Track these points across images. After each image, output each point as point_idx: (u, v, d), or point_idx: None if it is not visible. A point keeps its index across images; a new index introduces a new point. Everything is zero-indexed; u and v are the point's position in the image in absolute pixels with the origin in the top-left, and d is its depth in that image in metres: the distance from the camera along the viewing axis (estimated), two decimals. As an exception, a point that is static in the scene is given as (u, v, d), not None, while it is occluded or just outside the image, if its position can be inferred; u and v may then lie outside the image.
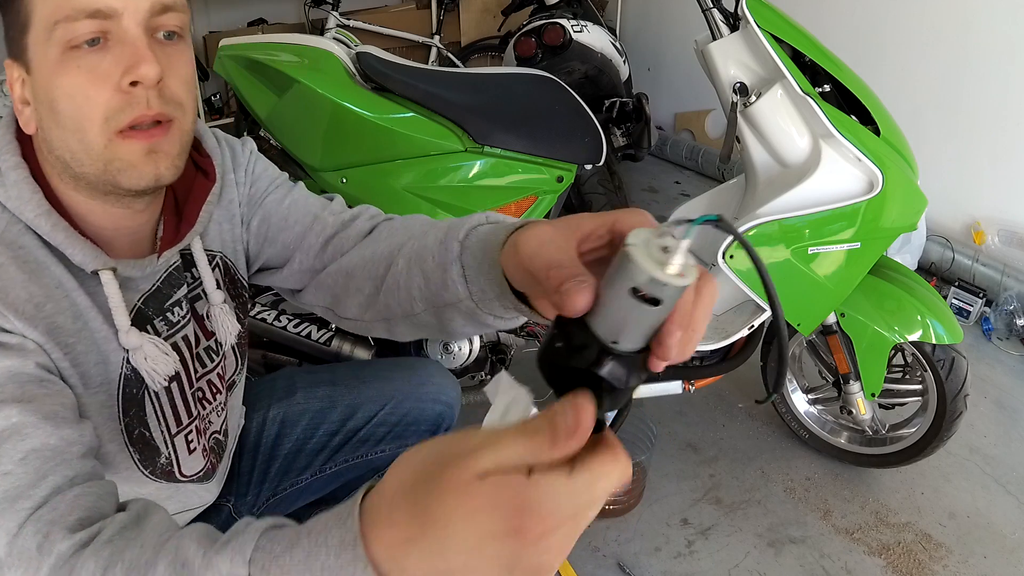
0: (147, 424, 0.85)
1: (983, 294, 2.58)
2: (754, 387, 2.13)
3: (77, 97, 0.69)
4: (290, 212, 0.94)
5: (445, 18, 4.06)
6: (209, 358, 0.95)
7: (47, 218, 0.73)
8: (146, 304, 0.83)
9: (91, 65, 0.69)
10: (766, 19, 1.47)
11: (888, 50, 2.95)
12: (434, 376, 1.24)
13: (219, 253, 0.93)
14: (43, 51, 0.69)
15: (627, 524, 1.74)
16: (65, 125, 0.70)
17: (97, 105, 0.69)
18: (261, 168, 0.97)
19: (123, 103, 0.69)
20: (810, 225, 1.53)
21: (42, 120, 0.73)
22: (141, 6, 0.69)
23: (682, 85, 4.01)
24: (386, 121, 1.60)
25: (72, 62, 0.68)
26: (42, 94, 0.71)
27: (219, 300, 0.92)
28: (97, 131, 0.70)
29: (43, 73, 0.70)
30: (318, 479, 1.26)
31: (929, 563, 1.67)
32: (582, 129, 1.71)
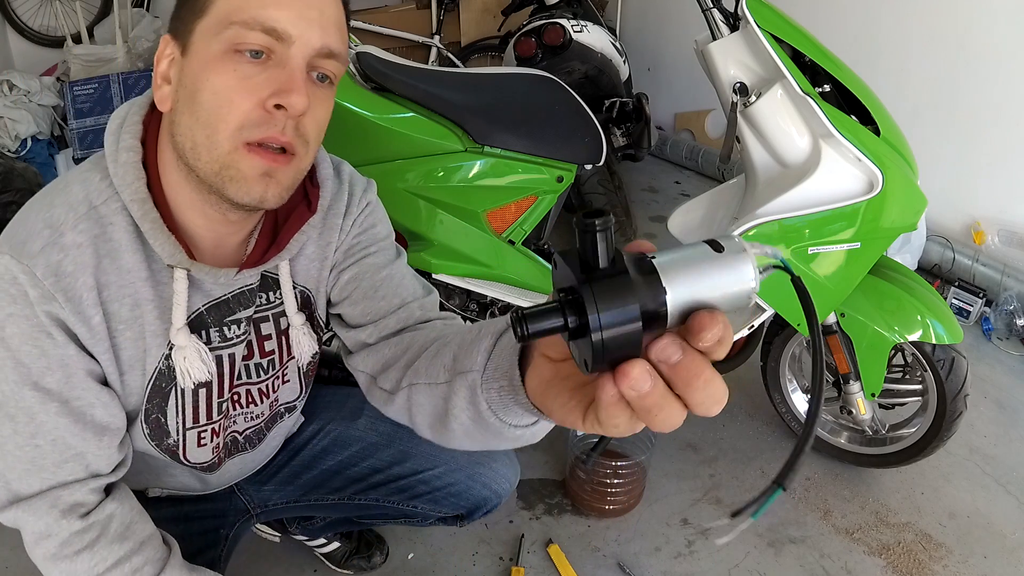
0: (165, 412, 0.89)
1: (983, 294, 2.58)
2: (754, 387, 2.13)
3: (221, 96, 0.71)
4: (383, 285, 0.94)
5: (445, 18, 4.05)
6: (257, 373, 0.97)
7: (140, 205, 0.76)
8: (209, 311, 0.86)
9: (247, 73, 0.71)
10: (766, 19, 1.47)
11: (888, 50, 2.95)
12: (497, 460, 1.21)
13: (301, 286, 0.94)
14: (207, 42, 0.72)
15: (627, 524, 1.74)
16: (199, 116, 0.72)
17: (238, 111, 0.71)
18: (371, 223, 0.96)
19: (261, 119, 0.71)
20: (810, 225, 1.53)
21: (178, 103, 0.74)
22: (312, 42, 0.72)
23: (682, 85, 4.01)
24: (386, 121, 1.60)
25: (230, 63, 0.71)
26: (189, 80, 0.73)
27: (299, 322, 0.94)
28: (228, 134, 0.71)
29: (199, 61, 0.72)
30: (343, 504, 1.26)
31: (929, 563, 1.67)
32: (582, 129, 1.71)
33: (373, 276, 0.94)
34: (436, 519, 1.27)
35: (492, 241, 1.71)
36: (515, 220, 1.72)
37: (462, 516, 1.26)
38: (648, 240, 0.45)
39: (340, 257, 0.95)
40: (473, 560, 1.63)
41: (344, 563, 1.58)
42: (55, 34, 3.89)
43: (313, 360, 1.03)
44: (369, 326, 0.93)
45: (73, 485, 0.80)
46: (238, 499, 1.21)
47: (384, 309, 0.93)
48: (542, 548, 1.66)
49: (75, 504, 0.80)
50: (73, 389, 0.78)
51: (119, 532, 0.83)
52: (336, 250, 0.95)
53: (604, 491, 1.71)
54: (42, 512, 0.79)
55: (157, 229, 0.77)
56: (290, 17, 0.71)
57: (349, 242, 0.95)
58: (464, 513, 1.25)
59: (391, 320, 0.92)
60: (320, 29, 0.72)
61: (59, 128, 3.49)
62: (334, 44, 0.74)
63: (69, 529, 0.80)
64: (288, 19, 0.70)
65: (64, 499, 0.79)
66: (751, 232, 1.54)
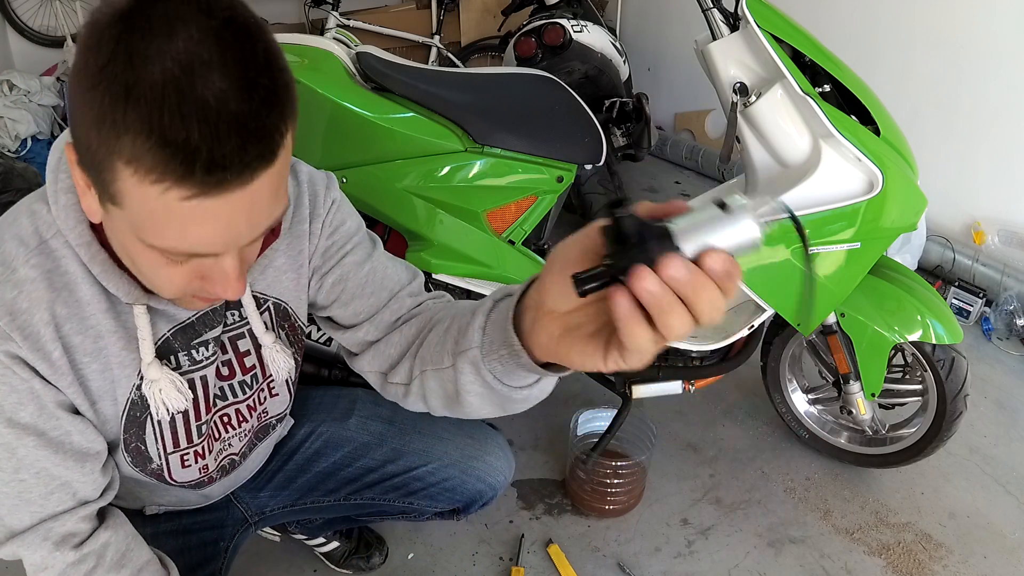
0: (144, 440, 0.88)
1: (983, 294, 2.58)
2: (754, 387, 2.13)
3: (157, 275, 0.69)
4: (368, 280, 0.94)
5: (445, 18, 4.06)
6: (241, 390, 0.96)
7: (87, 248, 0.74)
8: (175, 336, 0.84)
9: (177, 264, 0.67)
10: (766, 19, 1.47)
11: (888, 50, 2.95)
12: (490, 454, 1.21)
13: (273, 298, 0.93)
14: (128, 231, 0.64)
15: (627, 524, 1.74)
16: (137, 269, 0.71)
17: (175, 285, 0.69)
18: (340, 220, 0.94)
19: (200, 288, 0.70)
20: (810, 225, 1.53)
21: (109, 235, 0.71)
22: (244, 240, 0.65)
23: (682, 85, 4.01)
24: (386, 121, 1.60)
25: (159, 257, 0.65)
26: (118, 234, 0.68)
27: (270, 341, 0.92)
28: (169, 294, 0.73)
29: (123, 233, 0.66)
30: (339, 505, 1.26)
31: (929, 563, 1.67)
32: (582, 129, 1.71)
33: (357, 274, 0.94)
34: (433, 514, 1.27)
35: (492, 241, 1.70)
36: (515, 220, 1.72)
37: (458, 510, 1.27)
38: None
39: (319, 261, 0.94)
40: (473, 560, 1.63)
41: (343, 563, 1.58)
42: (55, 34, 3.89)
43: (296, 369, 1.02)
44: (365, 324, 0.94)
45: (63, 516, 0.79)
46: (236, 509, 1.21)
47: (375, 304, 0.94)
48: (542, 548, 1.66)
49: (67, 535, 0.79)
50: (48, 420, 0.76)
51: (115, 560, 0.82)
52: (311, 256, 0.93)
53: (604, 491, 1.71)
54: (36, 545, 0.78)
55: (108, 271, 0.75)
56: (215, 237, 0.62)
57: (324, 244, 0.94)
58: (460, 507, 1.25)
59: (385, 313, 0.93)
60: (249, 229, 0.64)
61: (59, 128, 3.49)
62: (268, 223, 0.66)
63: (64, 561, 0.79)
64: (212, 240, 0.63)
65: (56, 531, 0.78)
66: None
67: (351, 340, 0.96)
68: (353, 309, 0.94)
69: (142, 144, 0.55)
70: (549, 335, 0.60)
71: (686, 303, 0.48)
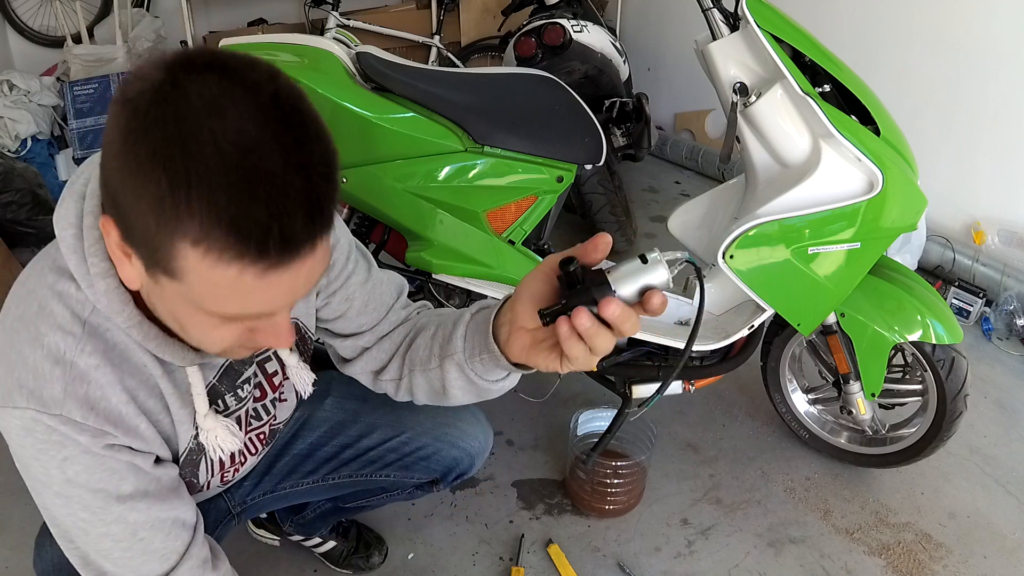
0: (197, 475, 0.94)
1: (983, 294, 2.58)
2: (754, 387, 2.13)
3: (208, 336, 0.69)
4: (371, 299, 1.02)
5: (445, 18, 4.05)
6: (265, 411, 1.01)
7: (139, 329, 0.74)
8: (220, 381, 0.89)
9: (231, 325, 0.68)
10: (766, 19, 1.47)
11: (888, 50, 2.95)
12: (463, 421, 1.25)
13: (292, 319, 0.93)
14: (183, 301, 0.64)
15: (627, 524, 1.74)
16: (184, 332, 0.71)
17: (225, 343, 0.70)
18: (335, 238, 0.95)
19: (249, 341, 0.71)
20: (810, 225, 1.53)
21: (152, 300, 0.70)
22: (293, 300, 0.66)
23: (682, 85, 4.01)
24: (386, 121, 1.60)
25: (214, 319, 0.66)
26: (165, 303, 0.68)
27: (294, 362, 0.98)
28: (216, 350, 0.73)
29: (174, 302, 0.65)
30: (318, 487, 1.28)
31: (929, 563, 1.67)
32: (582, 129, 1.71)
33: (362, 292, 1.01)
34: (412, 487, 1.30)
35: (492, 241, 1.70)
36: (515, 220, 1.72)
37: (437, 481, 1.29)
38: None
39: (323, 281, 0.97)
40: (473, 560, 1.63)
41: (343, 562, 1.58)
42: (55, 34, 3.89)
43: None
44: (367, 333, 1.03)
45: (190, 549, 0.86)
46: (220, 500, 1.22)
47: (376, 318, 1.03)
48: (542, 548, 1.66)
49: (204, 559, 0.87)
50: (150, 483, 0.81)
51: None
52: None
53: (604, 491, 1.71)
54: None
55: (163, 344, 0.76)
56: (277, 301, 0.64)
57: None
58: (438, 477, 1.28)
59: (384, 325, 1.03)
60: (306, 287, 0.66)
61: (59, 128, 3.49)
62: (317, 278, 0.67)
63: None
64: (275, 304, 0.65)
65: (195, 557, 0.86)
66: (751, 233, 1.54)
67: (348, 347, 1.04)
68: (357, 323, 1.02)
69: (212, 226, 0.56)
70: (521, 345, 0.78)
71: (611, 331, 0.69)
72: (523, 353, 0.78)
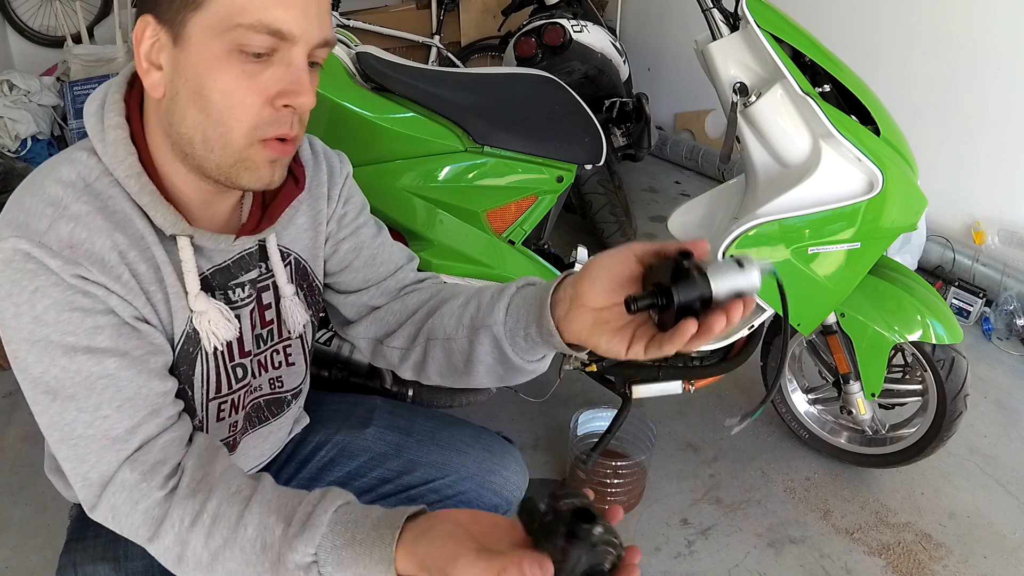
0: (192, 383, 0.88)
1: (983, 294, 2.58)
2: (754, 387, 2.13)
3: (232, 97, 0.72)
4: (379, 252, 1.02)
5: (445, 18, 4.06)
6: (257, 344, 0.97)
7: (136, 180, 0.77)
8: (214, 276, 0.87)
9: (253, 73, 0.72)
10: (766, 19, 1.47)
11: (888, 50, 2.95)
12: (507, 468, 1.21)
13: (295, 253, 0.97)
14: (207, 39, 0.70)
15: (627, 524, 1.74)
16: (210, 114, 0.73)
17: (250, 112, 0.73)
18: (351, 191, 1.01)
19: (272, 118, 0.74)
20: (810, 225, 1.53)
21: (178, 95, 0.74)
22: (313, 38, 0.73)
23: (682, 85, 4.01)
24: (386, 121, 1.60)
25: (236, 64, 0.71)
26: (191, 75, 0.72)
27: (290, 292, 0.96)
28: (243, 133, 0.74)
29: (200, 58, 0.71)
30: None
31: (929, 563, 1.67)
32: (582, 129, 1.71)
33: (371, 244, 1.01)
34: None
35: (492, 241, 1.71)
36: (515, 220, 1.72)
37: None
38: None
39: (334, 227, 0.99)
40: (473, 560, 1.63)
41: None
42: (55, 34, 3.89)
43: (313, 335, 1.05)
44: (371, 288, 1.01)
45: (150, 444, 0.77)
46: None
47: (383, 274, 1.02)
48: (542, 548, 1.66)
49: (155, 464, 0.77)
50: (128, 340, 0.76)
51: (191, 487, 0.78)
52: (329, 220, 0.99)
53: (604, 491, 1.71)
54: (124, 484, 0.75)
55: (156, 201, 0.77)
56: (294, 17, 0.71)
57: (339, 211, 1.00)
58: None
59: (391, 282, 1.02)
60: (318, 23, 0.74)
61: (59, 128, 3.49)
62: (329, 34, 0.76)
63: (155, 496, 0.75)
64: (292, 19, 0.71)
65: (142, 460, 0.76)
66: (751, 233, 1.54)
67: (352, 304, 1.02)
68: (363, 276, 1.01)
69: None
70: (581, 324, 0.76)
71: None
72: (582, 332, 0.76)
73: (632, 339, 0.72)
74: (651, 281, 0.71)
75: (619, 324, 0.74)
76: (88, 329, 0.73)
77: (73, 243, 0.72)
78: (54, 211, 0.73)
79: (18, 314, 0.72)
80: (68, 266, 0.71)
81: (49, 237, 0.71)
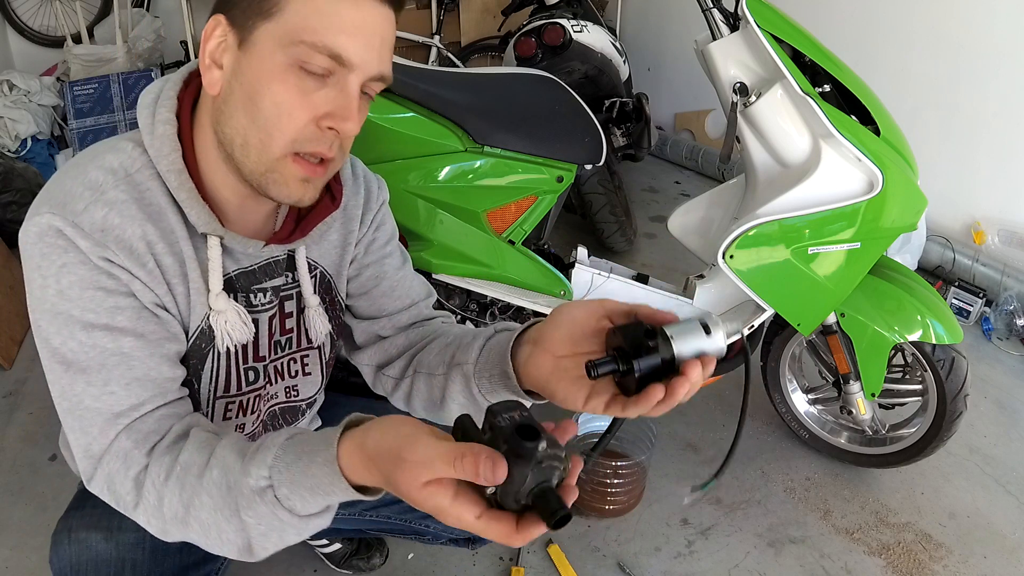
0: (199, 378, 0.90)
1: (983, 294, 2.58)
2: (754, 387, 2.12)
3: (283, 108, 0.74)
4: (399, 284, 1.04)
5: (445, 18, 4.06)
6: (275, 350, 0.99)
7: (177, 175, 0.79)
8: (238, 278, 0.89)
9: (307, 89, 0.74)
10: (766, 19, 1.47)
11: (888, 50, 2.95)
12: None
13: (322, 267, 0.99)
14: (272, 49, 0.73)
15: (627, 524, 1.74)
16: (256, 120, 0.75)
17: (294, 125, 0.75)
18: (384, 218, 1.04)
19: (313, 136, 0.76)
20: (810, 225, 1.53)
21: (231, 96, 0.76)
22: (370, 70, 0.76)
23: (682, 85, 4.01)
24: (386, 121, 1.60)
25: (293, 77, 0.73)
26: (248, 80, 0.75)
27: (315, 303, 0.97)
28: (281, 144, 0.76)
29: (261, 65, 0.74)
30: (353, 519, 1.25)
31: (929, 563, 1.67)
32: (582, 129, 1.71)
33: (393, 275, 1.03)
34: (447, 540, 1.29)
35: (492, 241, 1.71)
36: (515, 220, 1.72)
37: (473, 540, 1.28)
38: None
39: (361, 251, 1.01)
40: (473, 560, 1.63)
41: (343, 563, 1.58)
42: (55, 34, 3.89)
43: (332, 347, 1.05)
44: (383, 319, 1.03)
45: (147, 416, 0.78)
46: None
47: (398, 306, 1.03)
48: (542, 548, 1.66)
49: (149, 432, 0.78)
50: (146, 323, 0.78)
51: None
52: (357, 243, 1.00)
53: (604, 491, 1.71)
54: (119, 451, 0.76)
55: (193, 199, 0.80)
56: (357, 46, 0.73)
57: (369, 237, 1.01)
58: (475, 537, 1.25)
59: (403, 316, 1.03)
60: (379, 57, 0.76)
61: (59, 128, 3.49)
62: (386, 71, 0.78)
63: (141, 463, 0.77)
64: (355, 48, 0.73)
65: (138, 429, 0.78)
66: (751, 233, 1.54)
67: (363, 331, 1.04)
68: (379, 305, 1.03)
69: None
70: (540, 370, 0.76)
71: None
72: (541, 378, 0.76)
73: (591, 392, 0.72)
74: (614, 343, 0.69)
75: (578, 374, 0.73)
76: (108, 308, 0.76)
77: (105, 227, 0.75)
78: (92, 195, 0.76)
79: (44, 286, 0.75)
80: (97, 248, 0.74)
81: (83, 218, 0.74)
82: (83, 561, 0.92)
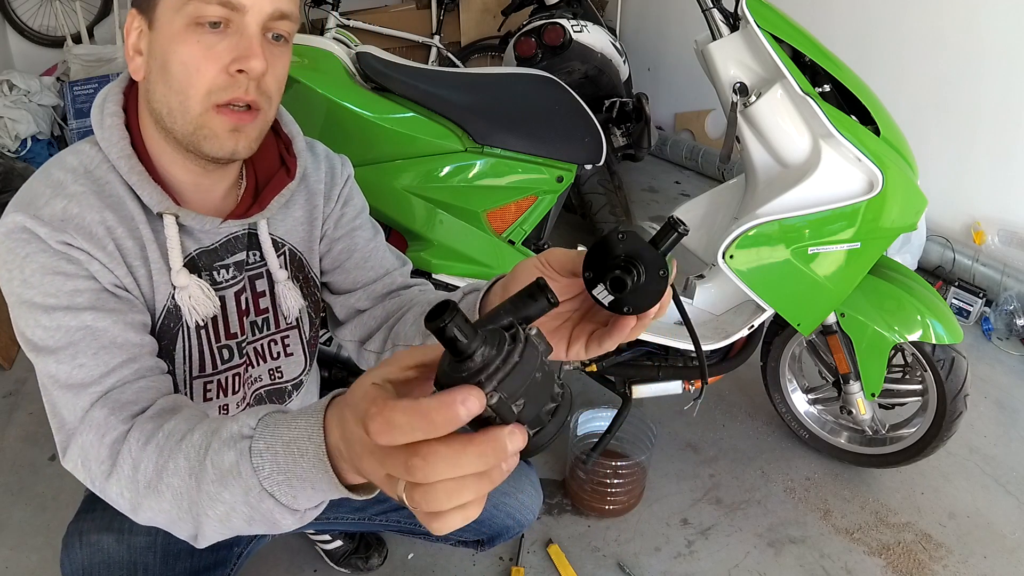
0: (172, 358, 0.91)
1: (983, 294, 2.58)
2: (754, 387, 2.13)
3: (189, 66, 0.77)
4: (372, 255, 1.05)
5: (445, 18, 4.06)
6: (252, 331, 1.00)
7: (127, 161, 0.83)
8: (200, 256, 0.91)
9: (209, 43, 0.77)
10: (766, 19, 1.47)
11: (888, 50, 2.95)
12: (522, 491, 1.24)
13: (289, 244, 1.00)
14: (170, 17, 0.77)
15: (627, 524, 1.74)
16: (171, 85, 0.79)
17: (204, 78, 0.78)
18: (352, 193, 1.06)
19: (226, 83, 0.78)
20: (810, 225, 1.53)
21: (151, 73, 0.81)
22: (264, 9, 0.78)
23: (682, 85, 4.01)
24: (386, 121, 1.60)
25: (193, 36, 0.77)
26: (158, 52, 0.79)
27: (283, 277, 0.98)
28: (198, 99, 0.79)
29: (164, 35, 0.78)
30: (360, 522, 1.26)
31: (929, 563, 1.67)
32: (582, 129, 1.71)
33: (365, 247, 1.05)
34: (456, 541, 1.30)
35: (492, 241, 1.71)
36: (515, 220, 1.72)
37: (482, 542, 1.28)
38: None
39: (331, 227, 1.03)
40: (473, 560, 1.63)
41: (342, 561, 1.59)
42: (55, 34, 3.89)
43: (312, 327, 1.06)
44: (359, 291, 1.04)
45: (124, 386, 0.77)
46: None
47: (372, 277, 1.05)
48: (542, 548, 1.66)
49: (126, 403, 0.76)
50: (107, 301, 0.80)
51: None
52: (326, 219, 1.02)
53: (604, 491, 1.71)
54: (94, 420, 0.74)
55: (144, 180, 0.83)
56: None
57: (337, 213, 1.03)
58: (485, 539, 1.27)
59: (378, 286, 1.04)
60: None
61: (59, 128, 3.49)
62: (285, 6, 0.79)
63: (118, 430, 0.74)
64: None
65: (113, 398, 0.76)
66: (751, 233, 1.54)
67: (342, 305, 1.05)
68: (353, 277, 1.04)
69: None
70: None
71: None
72: None
73: (570, 340, 0.70)
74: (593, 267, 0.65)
75: (553, 326, 0.71)
76: (68, 292, 0.78)
77: (65, 216, 0.79)
78: (53, 191, 0.80)
79: (11, 279, 0.78)
80: (55, 232, 0.77)
81: (44, 211, 0.78)
82: (95, 564, 0.93)
